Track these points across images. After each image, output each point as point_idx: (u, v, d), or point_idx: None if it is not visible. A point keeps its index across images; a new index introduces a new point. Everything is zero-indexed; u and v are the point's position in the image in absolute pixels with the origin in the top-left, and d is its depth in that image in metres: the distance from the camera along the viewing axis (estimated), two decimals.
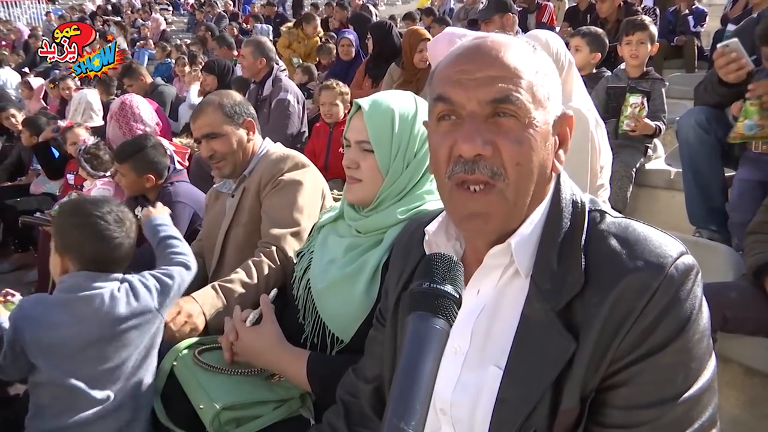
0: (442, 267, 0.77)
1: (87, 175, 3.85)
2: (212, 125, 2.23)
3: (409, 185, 1.57)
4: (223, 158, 2.24)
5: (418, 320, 0.73)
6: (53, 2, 19.46)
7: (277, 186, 2.12)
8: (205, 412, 1.52)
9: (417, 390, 0.67)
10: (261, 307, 1.61)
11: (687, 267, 0.88)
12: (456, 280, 0.76)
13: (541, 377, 0.89)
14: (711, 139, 2.79)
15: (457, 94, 0.93)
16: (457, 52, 0.97)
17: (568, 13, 7.16)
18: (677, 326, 0.86)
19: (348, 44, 6.15)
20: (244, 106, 2.32)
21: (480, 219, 0.94)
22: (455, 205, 0.96)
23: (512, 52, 0.93)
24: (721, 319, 1.90)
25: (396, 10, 15.37)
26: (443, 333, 0.73)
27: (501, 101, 0.90)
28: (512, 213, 0.94)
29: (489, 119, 0.92)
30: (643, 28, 3.77)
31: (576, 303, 0.90)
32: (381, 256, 1.52)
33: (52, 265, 1.74)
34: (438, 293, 0.74)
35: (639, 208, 3.81)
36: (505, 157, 0.91)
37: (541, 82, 0.94)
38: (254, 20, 13.14)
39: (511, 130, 0.91)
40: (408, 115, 1.56)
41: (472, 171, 0.91)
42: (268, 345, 1.57)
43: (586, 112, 2.67)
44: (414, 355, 0.70)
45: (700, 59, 6.04)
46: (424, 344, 0.71)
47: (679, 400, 0.86)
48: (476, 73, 0.92)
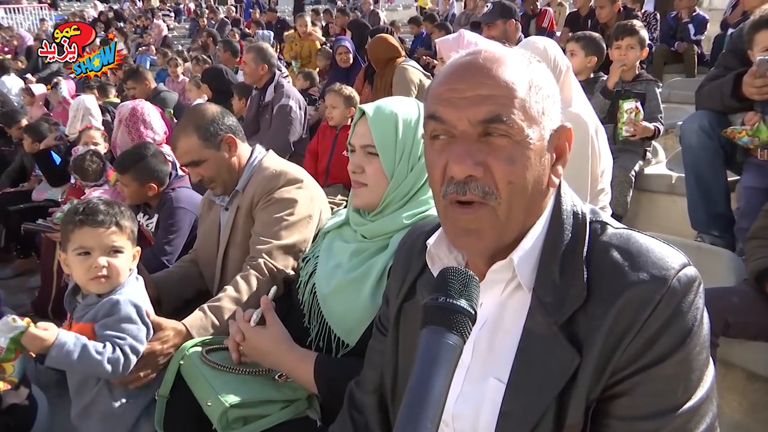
0: (457, 282, 0.77)
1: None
2: (191, 153, 2.16)
3: (413, 189, 1.59)
4: (212, 180, 2.20)
5: (431, 335, 0.73)
6: (55, 8, 19.54)
7: (268, 202, 2.07)
8: (212, 409, 1.52)
9: (428, 407, 0.67)
10: (262, 308, 1.61)
11: (689, 279, 0.88)
12: (471, 295, 0.76)
13: (544, 391, 0.89)
14: (714, 144, 2.78)
15: (448, 113, 0.93)
16: (450, 69, 0.97)
17: (568, 19, 7.18)
18: (678, 338, 0.86)
19: (345, 51, 6.18)
20: (219, 122, 2.19)
21: (473, 236, 0.94)
22: (450, 222, 0.97)
23: (504, 69, 0.92)
24: (723, 324, 1.90)
25: (397, 15, 15.44)
26: (457, 349, 0.72)
27: (491, 121, 0.90)
28: (505, 230, 0.94)
29: (481, 138, 0.91)
30: (632, 33, 3.78)
31: (579, 316, 0.90)
32: (387, 260, 1.53)
33: (64, 264, 1.80)
34: (453, 308, 0.74)
35: (640, 213, 3.82)
36: (496, 177, 0.90)
37: (535, 97, 0.93)
38: (256, 26, 13.19)
39: (502, 149, 0.91)
40: (411, 120, 1.58)
41: (464, 192, 0.91)
42: (275, 345, 1.57)
43: (586, 117, 2.67)
44: (426, 371, 0.70)
45: (701, 64, 6.06)
46: (436, 360, 0.71)
47: (679, 411, 0.86)
48: (467, 92, 0.91)
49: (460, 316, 0.74)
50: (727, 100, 2.67)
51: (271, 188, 2.08)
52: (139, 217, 3.19)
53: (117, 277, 1.77)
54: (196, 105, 2.47)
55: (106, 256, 1.75)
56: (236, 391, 1.54)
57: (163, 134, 4.00)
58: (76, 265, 1.76)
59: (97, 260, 1.73)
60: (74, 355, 1.61)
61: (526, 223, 0.96)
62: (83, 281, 1.77)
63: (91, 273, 1.73)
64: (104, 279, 1.74)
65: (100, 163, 3.86)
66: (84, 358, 1.62)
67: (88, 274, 1.74)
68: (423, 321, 0.75)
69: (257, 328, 1.59)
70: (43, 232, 3.73)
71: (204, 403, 1.56)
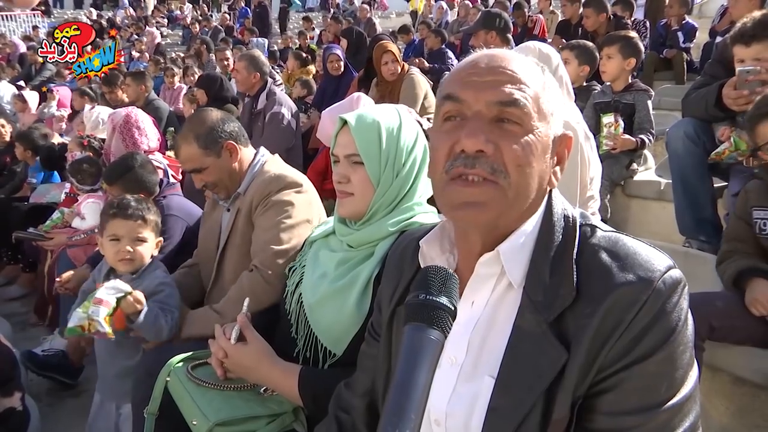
0: (437, 279, 0.79)
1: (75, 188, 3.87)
2: (193, 161, 2.21)
3: (399, 196, 1.59)
4: (215, 185, 2.24)
5: (413, 331, 0.75)
6: (48, 15, 19.50)
7: (266, 206, 2.09)
8: (198, 428, 1.53)
9: (411, 400, 0.69)
10: (238, 324, 1.60)
11: (674, 281, 0.91)
12: (451, 292, 0.78)
13: (532, 387, 0.91)
14: (699, 151, 2.81)
15: (466, 93, 0.96)
16: (470, 59, 1.01)
17: (559, 26, 7.23)
18: (663, 336, 0.88)
19: (336, 59, 6.14)
20: (219, 129, 2.22)
21: (475, 208, 0.94)
22: (449, 196, 0.97)
23: (522, 64, 0.98)
24: (708, 328, 1.93)
25: (390, 23, 15.49)
26: (438, 344, 0.75)
27: (507, 104, 0.94)
28: (508, 212, 0.96)
29: (494, 122, 0.95)
30: (611, 42, 3.82)
31: (567, 315, 0.92)
32: (372, 269, 1.53)
33: (100, 246, 2.25)
34: (434, 305, 0.76)
35: (630, 219, 3.84)
36: (506, 158, 0.93)
37: (547, 97, 0.98)
38: (249, 33, 13.22)
39: (514, 135, 0.94)
40: (393, 128, 1.59)
41: (473, 166, 0.93)
42: (257, 361, 1.57)
43: (575, 124, 2.70)
44: (409, 365, 0.72)
45: (691, 72, 6.11)
46: (419, 355, 0.73)
47: (662, 407, 0.88)
48: (487, 76, 0.96)
49: (441, 312, 0.76)
50: (711, 109, 2.71)
51: (269, 192, 2.10)
52: None
53: (141, 261, 2.21)
54: (197, 112, 2.46)
55: (132, 243, 2.17)
56: (221, 409, 1.54)
57: (157, 141, 4.01)
58: (107, 248, 2.20)
59: (125, 246, 2.17)
60: (157, 320, 2.02)
61: (525, 215, 0.98)
62: (113, 261, 2.21)
63: (119, 256, 2.17)
64: (129, 261, 2.18)
65: (96, 168, 3.87)
66: (157, 324, 2.02)
67: (116, 256, 2.18)
68: (405, 318, 0.77)
69: (238, 345, 1.58)
70: (33, 240, 3.73)
71: (190, 421, 1.56)
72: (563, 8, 7.28)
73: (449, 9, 13.22)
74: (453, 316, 0.77)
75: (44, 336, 3.55)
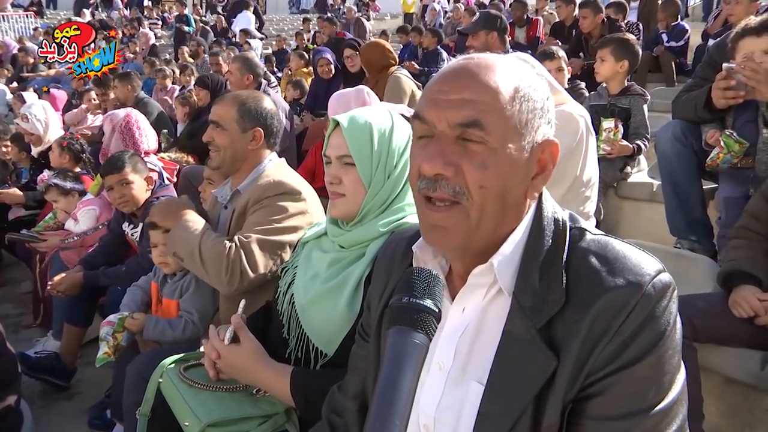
0: (421, 282, 0.78)
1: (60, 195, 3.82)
2: (221, 116, 2.23)
3: (390, 197, 1.59)
4: (216, 149, 2.24)
5: (397, 335, 0.75)
6: (41, 17, 19.40)
7: (260, 206, 2.10)
8: (190, 429, 1.53)
9: (396, 405, 0.68)
10: (233, 325, 1.61)
11: (664, 285, 0.90)
12: (435, 295, 0.78)
13: (521, 393, 0.91)
14: (688, 152, 2.82)
15: (430, 113, 0.94)
16: (442, 72, 0.99)
17: (553, 28, 7.27)
18: (651, 341, 0.88)
19: (326, 63, 6.18)
20: (264, 115, 2.26)
21: (440, 232, 0.95)
22: (421, 217, 0.99)
23: (492, 76, 0.93)
24: (690, 327, 1.94)
25: (385, 24, 15.50)
26: (422, 347, 0.74)
27: (468, 125, 0.91)
28: (475, 234, 0.95)
29: (457, 141, 0.93)
30: (603, 45, 3.83)
31: (557, 320, 0.91)
32: (364, 269, 1.53)
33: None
34: (418, 308, 0.76)
35: (622, 221, 3.86)
36: (468, 180, 0.91)
37: (520, 107, 0.93)
38: (244, 35, 13.20)
39: (476, 155, 0.92)
40: (385, 130, 1.59)
41: (434, 189, 0.93)
42: (250, 362, 1.57)
43: (578, 115, 2.71)
44: (393, 370, 0.71)
45: (683, 74, 6.15)
46: (403, 359, 0.72)
47: (650, 412, 0.88)
48: (451, 94, 0.93)
49: (425, 315, 0.75)
50: (700, 111, 2.72)
51: (265, 197, 2.10)
52: (124, 226, 3.20)
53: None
54: (258, 93, 2.49)
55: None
56: (213, 410, 1.55)
57: (155, 142, 4.01)
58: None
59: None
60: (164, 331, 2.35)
61: (500, 230, 0.97)
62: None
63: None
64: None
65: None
66: (164, 331, 2.35)
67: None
68: (389, 322, 0.76)
69: (231, 346, 1.58)
70: (27, 242, 3.72)
71: (182, 422, 1.57)
72: (558, 9, 7.31)
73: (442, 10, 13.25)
74: (437, 319, 0.76)
75: (37, 338, 3.55)
